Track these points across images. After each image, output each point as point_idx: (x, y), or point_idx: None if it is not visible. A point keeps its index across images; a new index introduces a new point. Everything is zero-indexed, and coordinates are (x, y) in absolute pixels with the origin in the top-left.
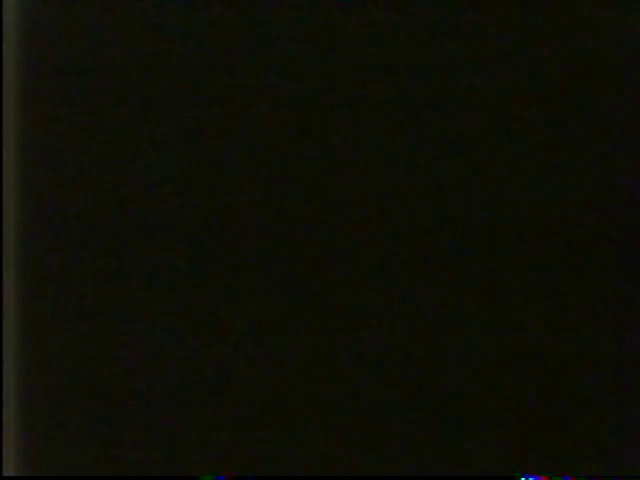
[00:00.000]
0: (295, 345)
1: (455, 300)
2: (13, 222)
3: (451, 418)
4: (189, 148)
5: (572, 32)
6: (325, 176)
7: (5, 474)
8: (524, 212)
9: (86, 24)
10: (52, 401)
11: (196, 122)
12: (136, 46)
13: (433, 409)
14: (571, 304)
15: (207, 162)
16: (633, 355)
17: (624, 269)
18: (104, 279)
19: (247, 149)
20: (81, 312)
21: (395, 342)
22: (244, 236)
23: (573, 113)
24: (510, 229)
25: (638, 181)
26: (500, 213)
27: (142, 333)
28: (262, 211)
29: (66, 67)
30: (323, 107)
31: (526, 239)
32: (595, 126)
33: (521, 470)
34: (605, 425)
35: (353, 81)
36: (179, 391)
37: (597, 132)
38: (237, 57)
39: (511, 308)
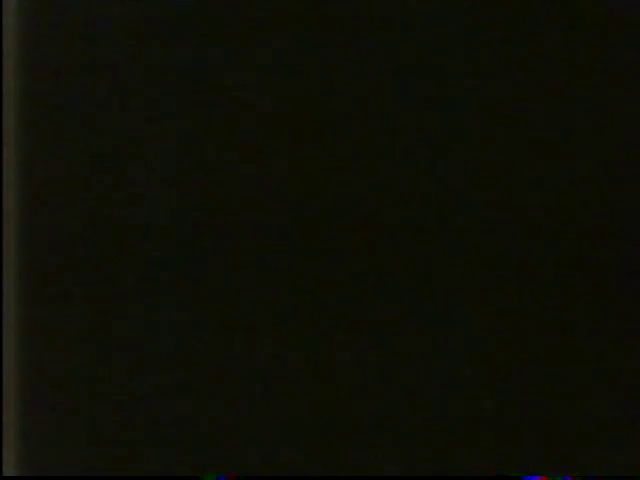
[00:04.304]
0: (295, 345)
1: (455, 300)
2: (13, 222)
3: (451, 418)
4: (189, 148)
5: (572, 32)
6: (325, 177)
7: (5, 474)
8: (524, 212)
9: (86, 24)
10: (52, 402)
11: (196, 122)
12: (136, 46)
13: (433, 409)
14: (571, 304)
15: (207, 162)
16: (633, 355)
17: (624, 269)
18: (104, 279)
19: (247, 149)
20: (81, 312)
21: (395, 342)
22: (244, 236)
23: (573, 113)
24: (510, 229)
25: (638, 181)
26: (500, 213)
27: (142, 333)
28: (262, 212)
29: (66, 67)
30: (323, 107)
31: (526, 240)
32: (595, 126)
33: (521, 470)
34: (605, 425)
35: (353, 81)
36: (179, 391)
37: (597, 132)
38: (237, 57)
39: (511, 308)
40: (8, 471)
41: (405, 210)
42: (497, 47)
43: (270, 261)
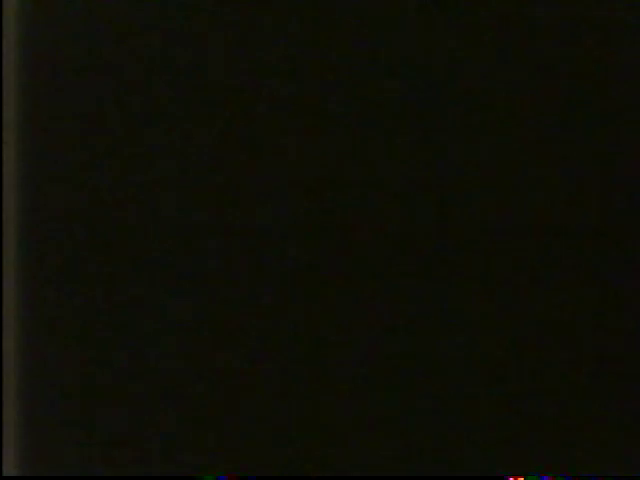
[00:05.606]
0: (295, 345)
1: (455, 301)
2: (13, 222)
3: (451, 418)
4: (189, 148)
5: (572, 32)
6: (325, 176)
7: (5, 474)
8: (524, 212)
9: (86, 24)
10: (52, 401)
11: (196, 122)
12: (136, 46)
13: (432, 409)
14: (571, 304)
15: (207, 162)
16: (633, 355)
17: (624, 269)
18: (104, 279)
19: (247, 149)
20: (81, 312)
21: (395, 342)
22: (245, 236)
23: (573, 113)
24: (510, 230)
25: (638, 181)
26: (500, 214)
27: (142, 333)
28: (262, 212)
29: (66, 66)
30: (323, 107)
31: (526, 240)
32: (596, 126)
33: (521, 470)
34: (605, 425)
35: (352, 81)
36: (179, 391)
37: (598, 132)
38: (237, 57)
39: (511, 308)
40: (8, 471)
41: (405, 209)
42: (497, 47)
43: (271, 261)
